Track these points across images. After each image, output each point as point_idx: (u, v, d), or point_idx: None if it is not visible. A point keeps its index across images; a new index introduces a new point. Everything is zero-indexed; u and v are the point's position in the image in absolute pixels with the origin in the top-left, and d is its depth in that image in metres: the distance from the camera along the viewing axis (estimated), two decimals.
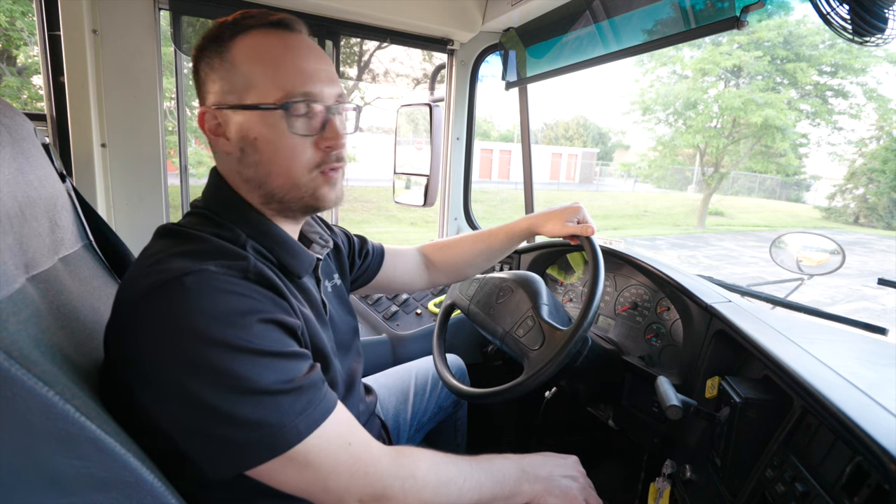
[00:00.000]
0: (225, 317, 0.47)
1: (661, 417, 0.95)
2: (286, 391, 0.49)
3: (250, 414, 0.46)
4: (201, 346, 0.46)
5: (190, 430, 0.47)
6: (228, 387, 0.46)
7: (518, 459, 0.68)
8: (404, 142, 1.70)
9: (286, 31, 0.59)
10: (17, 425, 0.37)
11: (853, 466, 0.50)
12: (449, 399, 1.11)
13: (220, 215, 0.60)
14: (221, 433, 0.46)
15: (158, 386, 0.47)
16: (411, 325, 1.38)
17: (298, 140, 0.58)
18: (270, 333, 0.50)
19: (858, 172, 14.14)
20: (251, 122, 0.57)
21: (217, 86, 0.58)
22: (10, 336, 0.39)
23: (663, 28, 1.12)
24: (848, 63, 11.92)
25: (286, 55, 0.57)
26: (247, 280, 0.52)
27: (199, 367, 0.46)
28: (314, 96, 0.58)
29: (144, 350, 0.47)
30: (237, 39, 0.57)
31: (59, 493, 0.39)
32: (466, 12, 1.51)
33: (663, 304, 1.07)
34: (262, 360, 0.48)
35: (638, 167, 16.34)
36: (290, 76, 0.56)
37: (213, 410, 0.46)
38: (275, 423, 0.47)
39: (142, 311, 0.48)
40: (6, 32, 5.87)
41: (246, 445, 0.47)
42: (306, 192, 0.60)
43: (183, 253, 0.52)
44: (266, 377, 0.48)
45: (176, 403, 0.47)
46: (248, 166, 0.59)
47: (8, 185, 0.48)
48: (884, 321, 0.95)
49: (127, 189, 1.25)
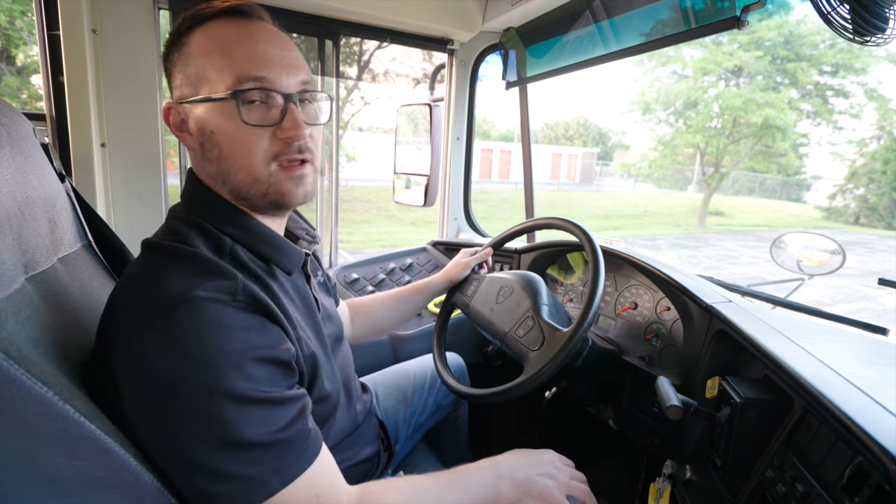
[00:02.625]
0: (213, 359, 0.46)
1: (662, 417, 0.95)
2: (269, 444, 0.48)
3: (227, 467, 0.45)
4: (188, 392, 0.45)
5: (165, 469, 0.47)
6: (211, 437, 0.45)
7: (493, 465, 0.65)
8: (404, 142, 1.70)
9: (243, 18, 0.57)
10: (16, 425, 0.37)
11: (854, 467, 0.50)
12: (448, 398, 1.11)
13: (201, 217, 0.57)
14: (193, 479, 0.46)
15: (141, 422, 0.46)
16: (411, 324, 1.38)
17: (252, 130, 0.54)
18: (261, 373, 0.49)
19: (859, 172, 14.12)
20: (207, 115, 0.55)
21: (177, 80, 0.57)
22: (9, 336, 0.39)
23: (663, 28, 1.12)
24: (848, 63, 11.91)
25: (238, 41, 0.55)
26: (235, 305, 0.49)
27: (184, 414, 0.45)
28: (269, 82, 0.54)
29: (130, 391, 0.46)
30: (193, 32, 0.56)
31: (58, 493, 0.39)
32: (466, 12, 1.51)
33: (663, 304, 1.07)
34: (249, 409, 0.47)
35: (638, 167, 16.35)
36: (241, 62, 0.54)
37: (191, 459, 0.45)
38: (251, 477, 0.46)
39: (128, 353, 0.46)
40: (6, 32, 5.87)
41: (217, 496, 0.46)
42: (269, 187, 0.57)
43: (171, 277, 0.49)
44: (251, 428, 0.46)
45: (157, 443, 0.46)
46: (209, 161, 0.57)
47: (7, 186, 0.48)
48: (884, 321, 0.95)
49: (126, 189, 1.25)
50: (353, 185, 13.63)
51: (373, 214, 11.49)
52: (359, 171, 14.19)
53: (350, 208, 11.68)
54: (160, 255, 0.53)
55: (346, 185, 13.20)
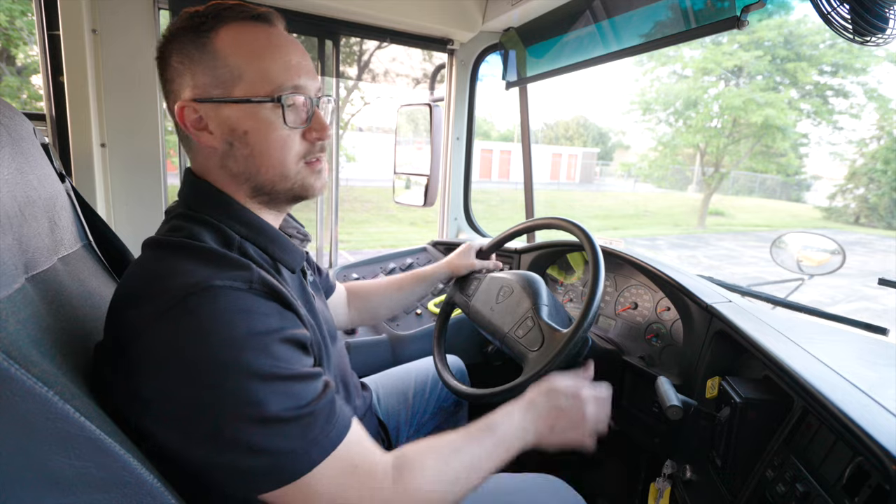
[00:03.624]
0: (236, 340, 0.46)
1: (662, 417, 0.95)
2: (300, 417, 0.48)
3: (263, 442, 0.46)
4: (215, 373, 0.45)
5: (200, 456, 0.47)
6: (242, 415, 0.45)
7: (519, 409, 0.68)
8: (404, 142, 1.70)
9: (268, 25, 0.59)
10: (16, 425, 0.37)
11: (853, 467, 0.50)
12: (449, 400, 1.11)
13: (207, 215, 0.58)
14: (233, 460, 0.46)
15: (166, 413, 0.46)
16: (411, 325, 1.38)
17: (288, 132, 0.58)
18: (284, 353, 0.50)
19: (859, 172, 14.11)
20: (240, 116, 0.56)
21: (198, 78, 0.56)
22: (9, 336, 0.39)
23: (663, 28, 1.12)
24: (848, 63, 11.91)
25: (273, 49, 0.57)
26: (252, 292, 0.50)
27: (213, 393, 0.45)
28: (301, 89, 0.58)
29: (152, 378, 0.46)
30: (220, 30, 0.56)
31: (59, 493, 0.39)
32: (466, 12, 1.51)
33: (663, 305, 1.07)
34: (276, 384, 0.47)
35: (638, 167, 16.35)
36: (280, 69, 0.57)
37: (226, 439, 0.45)
38: (287, 450, 0.47)
39: (148, 339, 0.46)
40: (6, 32, 5.87)
41: (259, 473, 0.46)
42: (295, 182, 0.61)
43: (186, 268, 0.49)
44: (280, 403, 0.47)
45: (186, 431, 0.46)
46: (236, 160, 0.58)
47: (7, 185, 0.48)
48: (884, 321, 0.95)
49: (126, 189, 1.25)
50: (352, 185, 13.64)
51: (373, 214, 11.49)
52: (359, 171, 14.19)
53: (350, 208, 11.68)
54: (168, 250, 0.53)
55: (346, 185, 13.20)
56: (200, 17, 0.56)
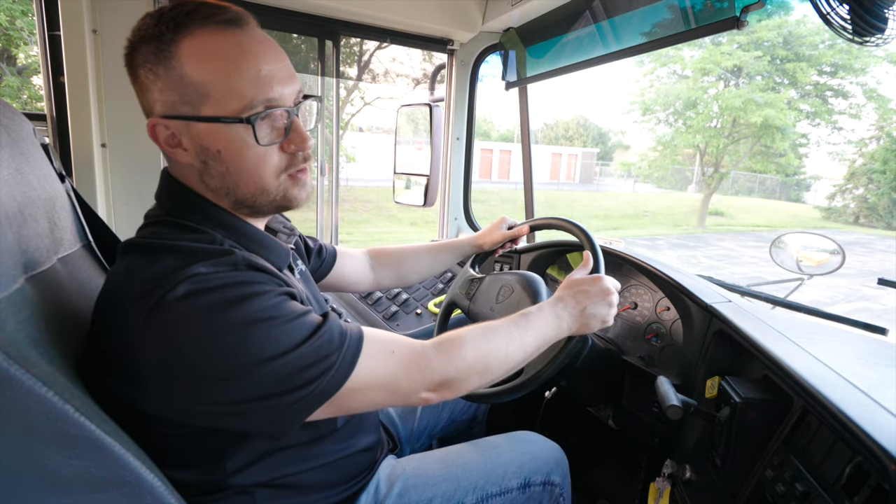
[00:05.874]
0: (236, 301, 0.48)
1: (662, 417, 0.95)
2: (320, 336, 0.51)
3: (297, 368, 0.48)
4: (231, 334, 0.46)
5: (237, 409, 0.48)
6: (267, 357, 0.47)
7: (552, 306, 0.73)
8: (404, 142, 1.70)
9: (234, 28, 0.53)
10: (16, 425, 0.37)
11: (853, 466, 0.50)
12: (464, 413, 1.09)
13: (188, 220, 0.57)
14: (277, 397, 0.48)
15: (178, 389, 0.47)
16: (411, 325, 1.38)
17: (265, 149, 0.55)
18: (283, 304, 0.51)
19: (858, 172, 14.13)
20: (211, 135, 0.53)
21: (166, 95, 0.52)
22: (9, 336, 0.39)
23: (663, 28, 1.12)
24: (848, 63, 11.92)
25: (240, 59, 0.52)
26: (238, 271, 0.51)
27: (235, 352, 0.46)
28: (276, 101, 0.54)
29: (163, 361, 0.46)
30: (181, 41, 0.51)
31: (59, 493, 0.39)
32: (466, 12, 1.51)
33: (663, 304, 1.07)
34: (286, 325, 0.50)
35: (638, 167, 16.34)
36: (250, 83, 0.52)
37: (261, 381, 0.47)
38: (324, 366, 0.50)
39: (147, 333, 0.46)
40: (6, 32, 5.87)
41: (307, 395, 0.49)
42: (276, 195, 0.59)
43: (169, 262, 0.49)
44: (298, 333, 0.50)
45: (211, 395, 0.47)
46: (212, 177, 0.56)
47: (7, 186, 0.48)
48: (884, 321, 0.95)
49: (127, 189, 1.25)
50: (353, 186, 13.64)
51: (373, 214, 11.49)
52: (359, 172, 14.19)
53: (350, 208, 11.68)
54: (147, 250, 0.52)
55: (346, 185, 13.21)
56: (162, 22, 0.51)
